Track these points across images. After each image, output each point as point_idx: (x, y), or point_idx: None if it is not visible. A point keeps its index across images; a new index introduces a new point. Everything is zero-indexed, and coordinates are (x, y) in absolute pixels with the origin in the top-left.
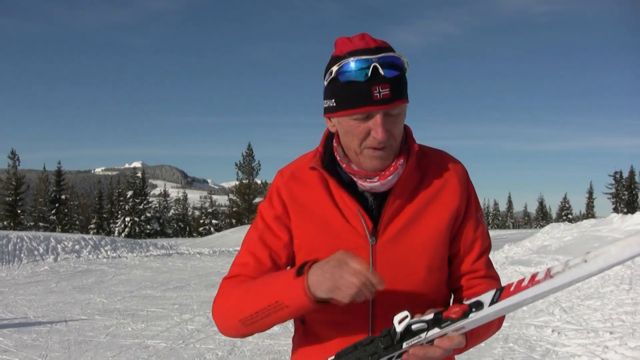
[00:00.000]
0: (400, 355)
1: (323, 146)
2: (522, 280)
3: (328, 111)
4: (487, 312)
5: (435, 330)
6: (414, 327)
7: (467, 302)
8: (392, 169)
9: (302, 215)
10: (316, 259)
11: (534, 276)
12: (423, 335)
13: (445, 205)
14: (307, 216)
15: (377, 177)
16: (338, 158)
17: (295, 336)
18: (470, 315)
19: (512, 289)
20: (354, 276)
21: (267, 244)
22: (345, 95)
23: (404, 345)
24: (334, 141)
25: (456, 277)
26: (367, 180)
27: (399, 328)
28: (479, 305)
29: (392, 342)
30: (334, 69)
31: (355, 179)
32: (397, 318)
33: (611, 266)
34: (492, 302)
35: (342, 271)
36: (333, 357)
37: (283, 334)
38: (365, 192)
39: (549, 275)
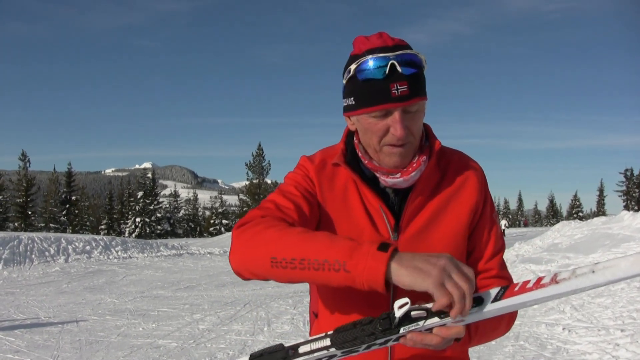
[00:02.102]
0: (397, 339)
1: (344, 143)
2: (528, 282)
3: (347, 109)
4: (488, 309)
5: (434, 320)
6: (413, 314)
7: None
8: (415, 165)
9: (328, 205)
10: (396, 246)
11: (539, 279)
12: (421, 323)
13: (464, 203)
14: (333, 208)
15: (400, 174)
16: (360, 154)
17: (312, 331)
18: (471, 310)
19: (516, 289)
20: (463, 280)
21: (296, 203)
22: (364, 93)
23: (401, 330)
24: (355, 138)
25: None
26: (390, 176)
27: (398, 313)
28: (480, 301)
29: (390, 325)
30: (352, 67)
31: (377, 175)
32: (397, 303)
33: (619, 280)
34: (495, 300)
35: (451, 270)
36: (332, 331)
37: (294, 333)
38: (386, 189)
39: (554, 280)
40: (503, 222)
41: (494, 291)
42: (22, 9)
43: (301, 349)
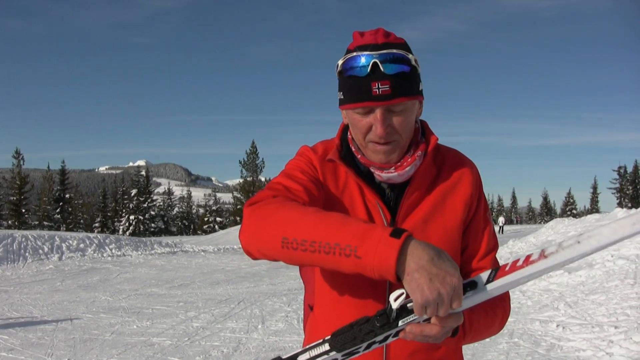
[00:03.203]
0: (397, 334)
1: (340, 138)
2: (517, 260)
3: (339, 103)
4: (483, 291)
5: None
6: (409, 305)
7: (462, 282)
8: (409, 160)
9: (330, 197)
10: (410, 232)
11: (528, 257)
12: None
13: (460, 200)
14: (334, 201)
15: (394, 168)
16: (353, 149)
17: (307, 325)
18: (466, 294)
19: (507, 268)
20: (442, 315)
21: (305, 185)
22: (349, 90)
23: (400, 323)
24: (349, 133)
25: (462, 274)
26: (385, 171)
27: (395, 305)
28: (473, 285)
29: (388, 320)
30: (339, 62)
31: (372, 170)
32: (393, 296)
33: (603, 247)
34: (488, 282)
35: (444, 301)
36: (329, 336)
37: (288, 330)
38: (382, 184)
39: (543, 255)
40: (500, 219)
41: (485, 274)
42: (14, 5)
43: (300, 359)
